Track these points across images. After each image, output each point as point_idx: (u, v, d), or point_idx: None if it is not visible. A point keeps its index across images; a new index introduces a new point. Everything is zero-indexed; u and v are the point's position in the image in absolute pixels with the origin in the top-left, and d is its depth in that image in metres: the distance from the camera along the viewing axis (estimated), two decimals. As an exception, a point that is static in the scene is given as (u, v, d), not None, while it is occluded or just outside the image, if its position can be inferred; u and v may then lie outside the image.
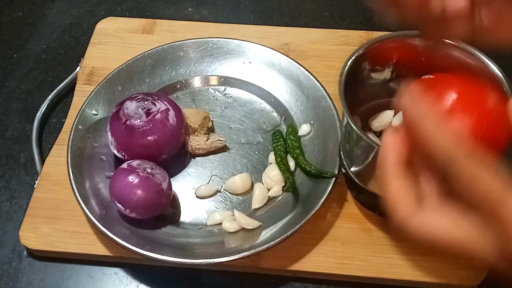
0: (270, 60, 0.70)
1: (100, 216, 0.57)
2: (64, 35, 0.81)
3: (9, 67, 0.77)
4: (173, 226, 0.60)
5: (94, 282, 0.58)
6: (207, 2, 0.86)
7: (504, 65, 0.54)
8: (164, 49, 0.71)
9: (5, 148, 0.69)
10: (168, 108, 0.61)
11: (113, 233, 0.55)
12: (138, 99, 0.61)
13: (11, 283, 0.59)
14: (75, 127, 0.63)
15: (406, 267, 0.57)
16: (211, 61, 0.71)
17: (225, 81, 0.71)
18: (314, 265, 0.57)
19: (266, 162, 0.65)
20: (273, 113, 0.69)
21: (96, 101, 0.66)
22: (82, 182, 0.60)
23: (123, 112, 0.60)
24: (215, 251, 0.56)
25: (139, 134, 0.59)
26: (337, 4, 0.85)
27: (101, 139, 0.64)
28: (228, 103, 0.70)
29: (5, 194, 0.65)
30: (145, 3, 0.85)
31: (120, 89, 0.68)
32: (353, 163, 0.56)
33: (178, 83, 0.71)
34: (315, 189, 0.60)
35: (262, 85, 0.70)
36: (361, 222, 0.60)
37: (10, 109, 0.73)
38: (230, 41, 0.71)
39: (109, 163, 0.63)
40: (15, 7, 0.85)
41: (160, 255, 0.54)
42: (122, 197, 0.56)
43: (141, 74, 0.70)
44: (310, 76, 0.67)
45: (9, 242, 0.61)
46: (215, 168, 0.65)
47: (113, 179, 0.57)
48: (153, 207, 0.57)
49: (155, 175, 0.57)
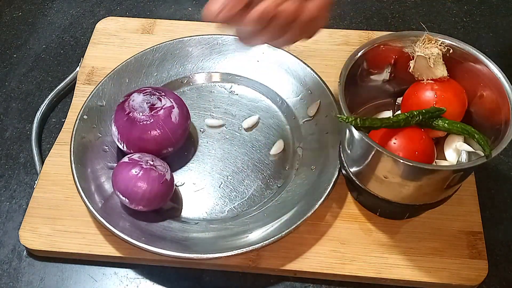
0: (278, 59, 0.70)
1: (100, 208, 0.58)
2: (64, 35, 0.81)
3: (8, 67, 0.77)
4: (172, 220, 0.60)
5: (94, 282, 0.58)
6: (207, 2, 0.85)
7: (504, 65, 0.54)
8: (173, 44, 0.71)
9: (5, 148, 0.69)
10: (173, 105, 0.61)
11: (112, 225, 0.56)
12: (146, 92, 0.62)
13: (11, 283, 0.59)
14: (80, 117, 0.64)
15: (406, 267, 0.57)
16: (219, 58, 0.72)
17: (231, 79, 0.71)
18: (314, 265, 0.57)
19: (267, 161, 0.65)
20: (277, 112, 0.69)
21: (103, 93, 0.67)
22: (84, 171, 0.61)
23: (128, 104, 0.61)
24: (213, 246, 0.57)
25: (139, 128, 0.60)
26: (337, 4, 0.85)
27: (106, 130, 0.65)
28: (233, 100, 0.70)
29: (4, 194, 0.65)
30: (145, 3, 0.85)
31: (128, 82, 0.69)
32: (353, 164, 0.56)
33: (185, 78, 0.71)
34: (315, 189, 0.60)
35: (268, 84, 0.70)
36: (361, 222, 0.60)
37: (10, 109, 0.73)
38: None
39: (112, 154, 0.64)
40: (15, 7, 0.85)
41: (158, 249, 0.54)
42: (127, 191, 0.56)
43: (149, 67, 0.70)
44: (317, 78, 0.68)
45: (9, 242, 0.61)
46: (215, 165, 0.65)
47: (116, 174, 0.57)
48: (159, 199, 0.58)
49: (157, 166, 0.58)
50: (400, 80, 0.59)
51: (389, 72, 0.59)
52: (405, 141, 0.53)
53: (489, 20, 0.82)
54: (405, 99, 0.58)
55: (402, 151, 0.52)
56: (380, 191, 0.55)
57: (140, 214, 0.59)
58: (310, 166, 0.63)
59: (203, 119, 0.69)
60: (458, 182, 0.54)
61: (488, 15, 0.83)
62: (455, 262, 0.57)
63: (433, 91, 0.54)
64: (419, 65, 0.55)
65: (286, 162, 0.65)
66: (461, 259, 0.57)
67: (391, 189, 0.54)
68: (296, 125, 0.67)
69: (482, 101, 0.55)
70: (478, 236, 0.59)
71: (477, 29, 0.81)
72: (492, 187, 0.65)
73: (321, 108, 0.66)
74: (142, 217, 0.59)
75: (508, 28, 0.81)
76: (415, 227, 0.60)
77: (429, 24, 0.81)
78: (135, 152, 0.60)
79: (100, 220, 0.56)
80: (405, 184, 0.52)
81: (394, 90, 0.60)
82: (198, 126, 0.68)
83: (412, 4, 0.84)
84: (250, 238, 0.57)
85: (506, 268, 0.59)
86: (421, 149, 0.53)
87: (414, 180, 0.51)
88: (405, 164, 0.49)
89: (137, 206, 0.58)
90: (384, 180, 0.52)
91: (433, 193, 0.54)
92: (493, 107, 0.53)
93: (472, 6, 0.84)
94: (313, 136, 0.65)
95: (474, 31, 0.81)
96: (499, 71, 0.53)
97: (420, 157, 0.52)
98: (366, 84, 0.59)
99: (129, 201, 0.57)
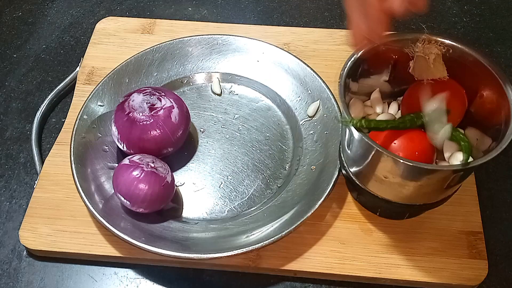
0: (278, 59, 0.70)
1: (100, 208, 0.58)
2: (64, 35, 0.81)
3: (8, 67, 0.77)
4: (172, 220, 0.60)
5: (94, 282, 0.58)
6: (207, 1, 0.86)
7: (504, 64, 0.54)
8: (173, 44, 0.71)
9: (5, 148, 0.69)
10: (173, 105, 0.61)
11: (112, 225, 0.56)
12: (146, 93, 0.62)
13: (11, 283, 0.59)
14: (80, 117, 0.64)
15: (406, 267, 0.57)
16: (219, 58, 0.72)
17: (231, 79, 0.71)
18: (314, 265, 0.57)
19: (267, 161, 0.65)
20: (277, 112, 0.69)
21: (103, 93, 0.67)
22: (84, 171, 0.61)
23: (128, 104, 0.61)
24: (213, 246, 0.57)
25: (139, 128, 0.60)
26: (337, 4, 0.85)
27: (106, 130, 0.65)
28: (233, 100, 0.70)
29: (4, 194, 0.65)
30: (145, 3, 0.85)
31: (128, 82, 0.69)
32: (353, 164, 0.56)
33: (185, 78, 0.71)
34: (314, 189, 0.60)
35: (268, 84, 0.70)
36: (361, 222, 0.60)
37: (10, 109, 0.73)
38: (238, 38, 0.72)
39: (112, 154, 0.64)
40: (15, 6, 0.85)
41: (158, 249, 0.54)
42: (128, 194, 0.56)
43: (149, 67, 0.70)
44: (317, 77, 0.68)
45: (9, 242, 0.61)
46: (215, 165, 0.65)
47: (117, 176, 0.57)
48: (160, 201, 0.58)
49: (158, 168, 0.58)
50: (400, 80, 0.59)
51: (389, 72, 0.59)
52: (405, 141, 0.53)
53: (489, 20, 0.82)
54: (405, 99, 0.58)
55: (402, 151, 0.52)
56: (380, 191, 0.55)
57: (140, 214, 0.59)
58: (310, 166, 0.63)
59: (203, 119, 0.69)
60: (458, 182, 0.54)
61: (488, 15, 0.83)
62: (455, 262, 0.57)
63: (433, 91, 0.54)
64: (419, 65, 0.55)
65: (286, 162, 0.65)
66: (461, 259, 0.57)
67: (391, 189, 0.54)
68: (296, 125, 0.67)
69: (482, 101, 0.55)
70: (478, 236, 0.59)
71: (477, 29, 0.81)
72: (492, 187, 0.65)
73: (321, 108, 0.66)
74: (142, 217, 0.59)
75: (508, 28, 0.81)
76: (415, 227, 0.60)
77: (429, 24, 0.81)
78: (135, 152, 0.60)
79: (100, 220, 0.56)
80: (405, 184, 0.52)
81: (394, 90, 0.60)
82: (198, 126, 0.68)
83: (412, 4, 0.84)
84: (250, 238, 0.57)
85: (506, 268, 0.59)
86: (421, 150, 0.53)
87: (414, 180, 0.51)
88: (405, 164, 0.49)
89: (138, 208, 0.58)
90: (384, 180, 0.52)
91: (433, 193, 0.54)
92: (493, 107, 0.53)
93: (472, 6, 0.84)
94: (312, 136, 0.65)
95: (474, 31, 0.81)
96: (499, 71, 0.53)
97: (420, 157, 0.52)
98: (366, 84, 0.59)
99: (130, 203, 0.57)
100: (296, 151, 0.65)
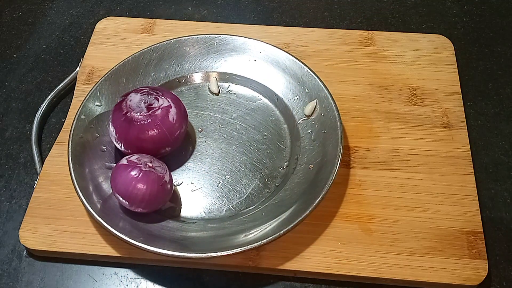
0: (275, 58, 0.70)
1: (98, 208, 0.58)
2: (64, 35, 0.81)
3: (8, 67, 0.77)
4: (170, 220, 0.60)
5: (94, 282, 0.58)
6: (207, 1, 0.86)
7: (504, 64, 0.54)
8: (170, 44, 0.71)
9: (5, 148, 0.69)
10: (170, 105, 0.61)
11: (111, 225, 0.56)
12: (143, 92, 0.62)
13: (11, 283, 0.59)
14: (78, 117, 0.64)
15: (406, 267, 0.57)
16: (216, 58, 0.72)
17: (229, 78, 0.72)
18: (314, 265, 0.57)
19: (265, 160, 0.65)
20: (275, 111, 0.69)
21: (100, 93, 0.67)
22: (82, 171, 0.61)
23: (126, 104, 0.61)
24: (212, 246, 0.57)
25: (136, 128, 0.60)
26: (337, 4, 0.85)
27: (103, 130, 0.65)
28: (231, 100, 0.70)
29: (4, 194, 0.65)
30: (145, 3, 0.85)
31: (125, 82, 0.69)
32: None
33: (183, 78, 0.71)
34: (312, 187, 0.60)
35: (265, 83, 0.70)
36: (361, 222, 0.60)
37: (10, 109, 0.73)
38: (236, 38, 0.72)
39: (110, 154, 0.64)
40: (15, 7, 0.85)
41: (157, 248, 0.54)
42: (127, 194, 0.56)
43: (147, 67, 0.70)
44: (314, 77, 0.67)
45: (9, 242, 0.61)
46: (213, 164, 0.65)
47: (115, 177, 0.57)
48: (158, 201, 0.58)
49: (156, 168, 0.58)
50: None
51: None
52: None
53: (489, 20, 0.82)
54: None
55: None
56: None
57: (138, 214, 0.59)
58: (308, 165, 0.63)
59: (200, 119, 0.69)
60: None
61: (488, 15, 0.83)
62: (455, 262, 0.57)
63: None
64: None
65: (283, 161, 0.65)
66: (461, 259, 0.57)
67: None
68: (293, 124, 0.67)
69: None
70: (478, 236, 0.59)
71: (477, 29, 0.81)
72: (492, 187, 0.65)
73: (318, 107, 0.66)
74: (141, 217, 0.59)
75: (508, 28, 0.81)
76: (414, 227, 0.60)
77: (429, 24, 0.81)
78: (133, 152, 0.60)
79: (98, 220, 0.56)
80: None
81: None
82: (196, 126, 0.68)
83: (412, 4, 0.84)
84: (248, 237, 0.57)
85: (506, 268, 0.59)
86: None
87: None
88: None
89: (136, 208, 0.57)
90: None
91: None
92: None
93: (472, 6, 0.84)
94: (310, 134, 0.65)
95: (474, 31, 0.81)
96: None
97: None
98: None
99: (128, 203, 0.57)
100: (294, 150, 0.65)
